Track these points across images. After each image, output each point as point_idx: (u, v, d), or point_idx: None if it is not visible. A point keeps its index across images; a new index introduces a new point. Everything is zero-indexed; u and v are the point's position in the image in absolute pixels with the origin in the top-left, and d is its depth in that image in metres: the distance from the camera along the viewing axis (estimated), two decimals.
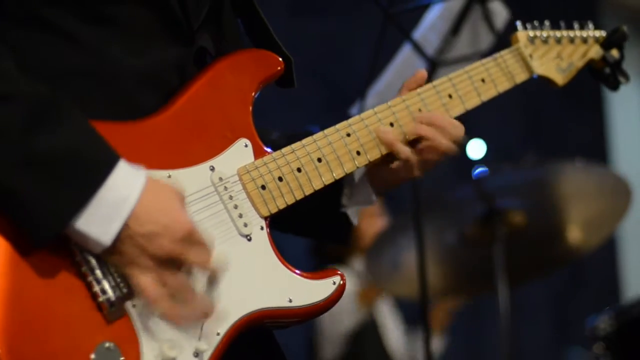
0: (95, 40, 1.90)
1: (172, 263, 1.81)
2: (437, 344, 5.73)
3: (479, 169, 4.39)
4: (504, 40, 3.82)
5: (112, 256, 1.80)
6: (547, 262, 4.78)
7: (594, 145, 8.19)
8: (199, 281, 1.87)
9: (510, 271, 4.28)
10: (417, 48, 3.81)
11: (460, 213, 4.40)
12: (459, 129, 2.19)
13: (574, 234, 4.54)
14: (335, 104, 4.62)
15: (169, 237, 1.80)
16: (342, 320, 5.48)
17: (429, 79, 3.83)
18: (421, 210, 3.97)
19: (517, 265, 4.40)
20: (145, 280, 1.80)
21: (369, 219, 5.54)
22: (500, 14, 3.86)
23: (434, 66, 3.80)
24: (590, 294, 7.86)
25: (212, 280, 1.88)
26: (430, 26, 3.88)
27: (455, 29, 3.82)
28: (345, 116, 3.83)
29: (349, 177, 2.21)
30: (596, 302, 7.38)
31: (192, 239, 1.82)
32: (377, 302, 5.65)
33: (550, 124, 7.73)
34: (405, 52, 3.93)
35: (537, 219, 4.38)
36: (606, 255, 7.81)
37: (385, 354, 5.66)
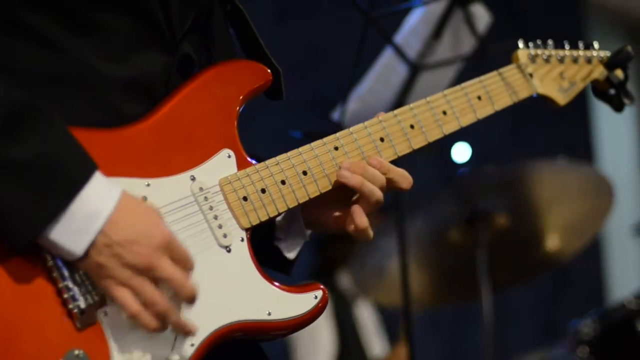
0: (76, 47, 1.89)
1: (148, 274, 1.79)
2: None
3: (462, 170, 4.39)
4: (485, 43, 3.82)
5: (86, 266, 1.79)
6: (531, 266, 4.77)
7: (579, 146, 8.20)
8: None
9: (494, 275, 4.28)
10: (399, 52, 3.80)
11: (443, 217, 4.38)
12: (401, 180, 2.10)
13: (557, 236, 4.53)
14: (317, 107, 4.61)
15: (146, 244, 1.78)
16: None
17: (411, 83, 3.84)
18: (404, 214, 3.96)
19: (501, 268, 4.40)
20: (123, 294, 1.79)
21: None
22: (482, 17, 3.85)
23: (416, 70, 3.80)
24: (574, 297, 7.87)
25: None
26: (412, 30, 3.87)
27: (437, 32, 3.81)
28: (327, 120, 3.83)
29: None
30: (580, 305, 7.38)
31: (171, 249, 1.81)
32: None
33: (536, 126, 7.74)
34: (387, 56, 3.92)
35: (520, 222, 4.37)
36: (590, 257, 7.81)
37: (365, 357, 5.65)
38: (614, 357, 4.21)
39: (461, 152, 4.77)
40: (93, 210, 1.76)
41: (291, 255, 2.18)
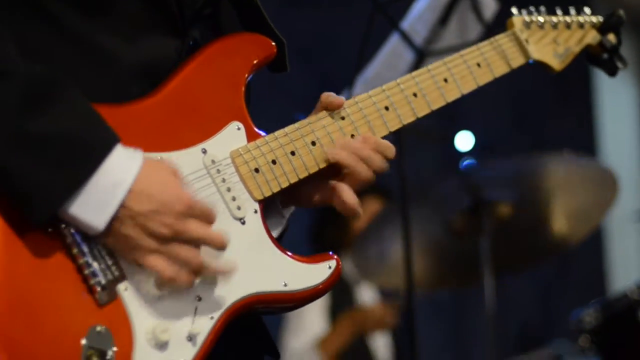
0: (86, 27, 1.88)
1: (175, 239, 1.81)
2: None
3: (467, 161, 4.40)
4: (492, 31, 3.82)
5: (112, 240, 1.80)
6: (534, 255, 4.78)
7: (582, 137, 8.19)
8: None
9: (497, 263, 4.28)
10: (405, 38, 3.80)
11: (446, 205, 4.39)
12: (387, 151, 2.08)
13: (560, 225, 4.54)
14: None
15: (169, 213, 1.79)
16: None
17: (417, 69, 3.84)
18: (408, 202, 3.96)
19: (503, 257, 4.40)
20: (156, 260, 1.80)
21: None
22: (489, 5, 3.85)
23: (422, 56, 3.80)
24: (576, 286, 7.87)
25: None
26: (419, 16, 3.87)
27: (444, 19, 3.81)
28: None
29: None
30: (582, 294, 7.39)
31: (193, 212, 1.82)
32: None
33: (539, 115, 7.73)
34: (393, 42, 3.93)
35: (523, 211, 4.37)
36: (592, 247, 7.81)
37: (367, 347, 5.65)
38: (616, 347, 4.22)
39: (464, 141, 4.78)
40: (114, 182, 1.76)
41: (274, 233, 2.11)
